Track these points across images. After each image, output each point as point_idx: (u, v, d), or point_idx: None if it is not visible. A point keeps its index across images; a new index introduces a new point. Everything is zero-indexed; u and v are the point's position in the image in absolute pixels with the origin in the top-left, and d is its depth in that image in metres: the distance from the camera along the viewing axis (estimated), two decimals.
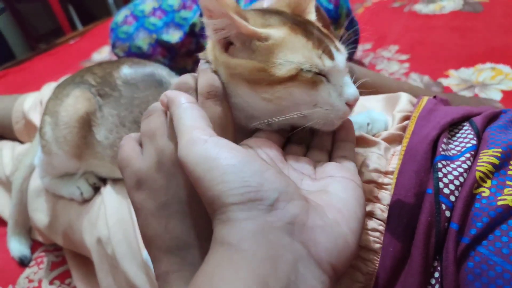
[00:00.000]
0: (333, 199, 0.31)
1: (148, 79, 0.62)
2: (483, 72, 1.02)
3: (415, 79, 1.05)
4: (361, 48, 1.28)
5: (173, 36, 1.43)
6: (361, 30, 1.34)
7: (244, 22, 0.36)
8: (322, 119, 0.37)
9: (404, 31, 1.30)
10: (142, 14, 1.51)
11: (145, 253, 0.57)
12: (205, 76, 0.39)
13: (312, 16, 0.43)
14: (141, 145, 0.39)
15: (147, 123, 0.39)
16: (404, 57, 1.16)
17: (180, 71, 1.53)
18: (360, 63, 1.21)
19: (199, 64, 0.42)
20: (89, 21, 2.55)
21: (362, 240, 0.41)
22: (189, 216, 0.36)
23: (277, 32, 0.37)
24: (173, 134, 0.35)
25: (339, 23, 1.05)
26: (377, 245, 0.40)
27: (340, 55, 0.38)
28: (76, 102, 0.62)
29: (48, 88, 1.05)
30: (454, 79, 1.02)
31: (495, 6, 1.28)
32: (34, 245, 0.93)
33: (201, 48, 1.44)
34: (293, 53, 0.36)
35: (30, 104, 1.02)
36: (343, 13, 1.05)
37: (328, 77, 0.37)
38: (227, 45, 0.39)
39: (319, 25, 0.42)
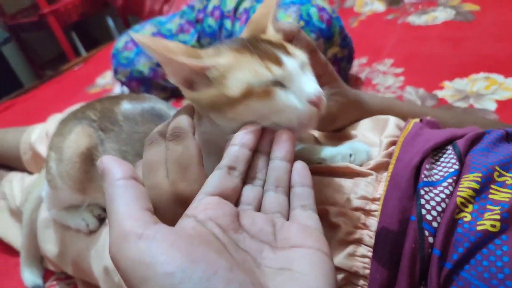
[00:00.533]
0: (299, 281, 0.28)
1: (147, 113, 0.64)
2: (477, 82, 1.03)
3: (411, 92, 1.07)
4: (357, 63, 1.30)
5: None
6: (356, 44, 1.36)
7: (190, 60, 0.39)
8: (290, 124, 0.39)
9: (398, 44, 1.32)
10: None
11: None
12: (173, 120, 0.42)
13: (269, 31, 0.46)
14: None
15: (145, 154, 0.42)
16: (399, 70, 1.18)
17: (181, 93, 1.57)
18: (356, 78, 1.23)
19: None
20: (92, 46, 2.62)
21: (352, 266, 0.43)
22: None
23: (224, 58, 0.40)
24: (171, 168, 0.38)
25: (333, 41, 1.08)
26: (367, 271, 0.42)
27: (291, 59, 0.40)
28: (78, 138, 0.65)
29: (54, 120, 1.09)
30: (449, 90, 1.04)
31: (486, 15, 1.30)
32: (46, 274, 0.95)
33: None
34: (241, 71, 0.39)
35: (37, 136, 1.06)
36: (336, 31, 1.08)
37: (284, 83, 0.39)
38: (190, 84, 0.41)
39: (273, 37, 0.45)
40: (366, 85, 1.18)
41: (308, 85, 0.39)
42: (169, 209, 0.38)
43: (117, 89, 1.84)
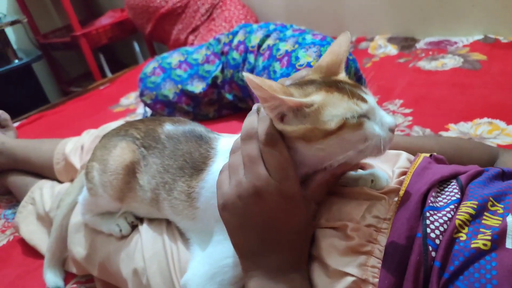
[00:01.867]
0: None
1: (189, 134, 0.72)
2: (481, 126, 1.11)
3: (418, 131, 1.15)
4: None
5: (197, 87, 1.58)
6: (370, 84, 1.46)
7: (290, 98, 0.48)
8: (374, 149, 0.48)
9: (409, 86, 1.41)
10: (169, 66, 1.67)
11: (177, 283, 0.66)
12: (261, 124, 0.52)
13: (342, 75, 0.55)
14: None
15: (232, 158, 0.54)
16: (408, 110, 1.27)
17: (202, 117, 1.66)
18: None
19: (260, 112, 0.54)
20: (117, 68, 2.76)
21: (363, 274, 0.50)
22: (260, 235, 0.51)
23: (317, 96, 0.49)
24: (272, 168, 0.49)
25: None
26: (376, 280, 0.49)
27: (369, 96, 0.51)
28: (123, 152, 0.73)
29: (88, 134, 1.18)
30: (454, 132, 1.12)
31: (492, 64, 1.39)
32: (67, 277, 1.02)
33: (222, 98, 1.57)
34: (335, 108, 0.48)
35: (71, 148, 1.15)
36: (352, 72, 1.17)
37: (368, 116, 0.48)
38: (282, 117, 0.50)
39: (347, 79, 0.55)
40: None
41: (387, 116, 0.50)
42: (273, 200, 0.50)
43: (141, 109, 1.94)
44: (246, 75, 0.46)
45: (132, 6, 2.40)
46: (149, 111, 1.82)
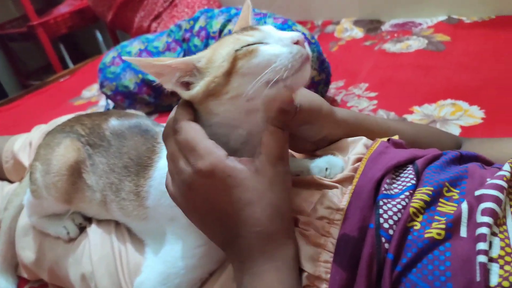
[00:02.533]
0: None
1: (134, 128, 0.68)
2: (444, 108, 1.10)
3: (382, 115, 1.14)
4: (334, 86, 1.37)
5: None
6: (335, 68, 1.43)
7: (176, 60, 0.45)
8: (283, 70, 0.41)
9: (374, 69, 1.39)
10: (129, 56, 1.59)
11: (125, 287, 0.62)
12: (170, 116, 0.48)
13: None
14: None
15: (166, 149, 0.50)
16: (373, 94, 1.25)
17: (165, 108, 1.60)
18: (333, 100, 1.30)
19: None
20: (80, 59, 2.64)
21: (316, 270, 0.47)
22: (218, 223, 0.47)
23: (207, 49, 0.47)
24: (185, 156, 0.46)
25: (311, 66, 1.13)
26: (329, 275, 0.46)
27: (266, 26, 0.46)
28: (66, 151, 0.68)
29: (37, 130, 1.11)
30: (418, 114, 1.11)
31: (456, 45, 1.39)
32: (20, 282, 0.96)
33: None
34: (224, 47, 0.45)
35: (20, 145, 1.07)
36: (314, 57, 1.14)
37: (265, 42, 0.44)
38: (186, 86, 0.47)
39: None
40: (341, 107, 1.24)
41: (287, 32, 0.44)
42: (202, 185, 0.45)
43: (103, 101, 1.86)
44: (127, 58, 0.44)
45: None
46: (111, 104, 1.74)
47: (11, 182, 1.11)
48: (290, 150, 0.68)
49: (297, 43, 0.43)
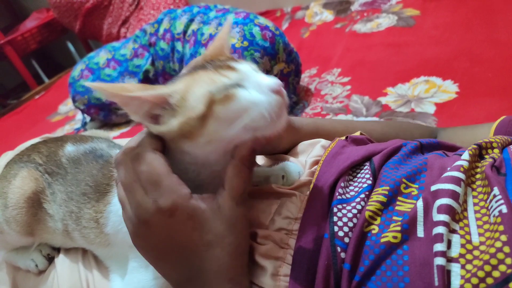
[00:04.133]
0: None
1: (89, 153, 0.65)
2: (418, 86, 1.08)
3: (356, 101, 1.11)
4: (308, 74, 1.34)
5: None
6: (308, 55, 1.40)
7: (147, 92, 0.41)
8: (261, 120, 0.40)
9: (346, 53, 1.36)
10: (97, 67, 1.56)
11: None
12: (130, 141, 0.45)
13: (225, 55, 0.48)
14: None
15: (118, 190, 0.46)
16: (346, 79, 1.22)
17: None
18: (307, 89, 1.27)
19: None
20: (56, 72, 2.59)
21: (276, 285, 0.44)
22: (175, 264, 0.44)
23: (180, 82, 0.42)
24: (146, 188, 0.42)
25: (278, 58, 1.11)
26: None
27: (243, 64, 0.43)
28: (23, 183, 0.65)
29: (4, 158, 1.07)
30: (392, 96, 1.08)
31: (426, 19, 1.36)
32: None
33: None
34: (198, 87, 0.41)
35: None
36: (280, 48, 1.11)
37: (243, 85, 0.41)
38: (155, 118, 0.43)
39: (224, 55, 0.47)
40: (315, 96, 1.21)
41: (266, 78, 0.41)
42: (161, 223, 0.42)
43: (79, 116, 1.83)
44: (90, 84, 0.39)
45: (56, 5, 2.23)
46: (87, 117, 1.71)
47: None
48: None
49: (276, 91, 0.41)
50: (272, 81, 0.41)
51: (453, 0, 1.38)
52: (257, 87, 0.41)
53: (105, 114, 1.56)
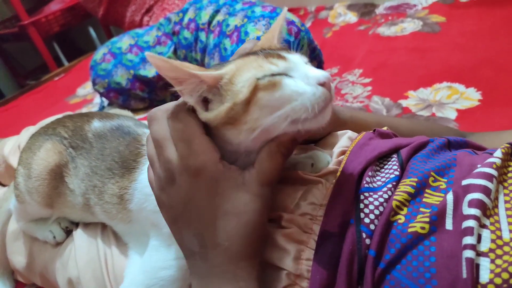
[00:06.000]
0: None
1: (116, 130, 0.66)
2: (440, 91, 1.07)
3: (377, 102, 1.11)
4: (328, 73, 1.34)
5: (150, 71, 1.49)
6: (330, 54, 1.40)
7: (207, 72, 0.41)
8: (305, 110, 0.39)
9: (368, 55, 1.36)
10: (119, 51, 1.57)
11: None
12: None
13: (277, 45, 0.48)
14: None
15: (148, 148, 0.47)
16: (367, 80, 1.22)
17: (159, 102, 1.60)
18: None
19: None
20: (75, 56, 2.62)
21: (297, 269, 0.45)
22: (189, 228, 0.43)
23: (230, 65, 0.42)
24: (176, 145, 0.42)
25: (302, 53, 1.10)
26: (310, 274, 0.44)
27: (293, 55, 0.43)
28: (47, 155, 0.66)
29: (27, 132, 1.09)
30: (413, 99, 1.08)
31: (451, 26, 1.35)
32: (18, 286, 0.95)
33: None
34: (247, 71, 0.41)
35: (10, 148, 1.06)
36: (305, 44, 1.11)
37: (290, 75, 0.40)
38: (206, 104, 0.43)
39: (279, 46, 0.47)
40: (336, 95, 1.21)
41: (315, 70, 0.41)
42: (185, 181, 0.42)
43: (98, 99, 1.85)
44: (150, 55, 0.38)
45: None
46: (105, 101, 1.73)
47: (4, 185, 1.10)
48: None
49: (323, 84, 0.40)
50: (320, 73, 0.40)
51: (479, 8, 1.37)
52: (304, 78, 0.40)
53: (124, 98, 1.57)
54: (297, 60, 0.42)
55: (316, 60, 1.17)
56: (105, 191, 0.61)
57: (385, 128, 0.61)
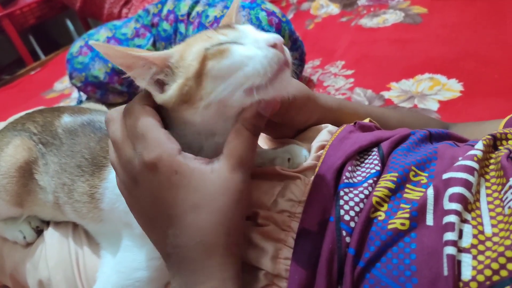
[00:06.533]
0: None
1: (87, 125, 0.63)
2: (422, 83, 1.07)
3: (359, 93, 1.10)
4: (310, 65, 1.32)
5: None
6: (312, 46, 1.38)
7: (154, 53, 0.39)
8: (257, 76, 0.37)
9: (351, 46, 1.35)
10: None
11: None
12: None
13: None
14: None
15: (108, 133, 0.44)
16: (349, 72, 1.21)
17: None
18: (309, 80, 1.25)
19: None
20: (52, 49, 2.55)
21: (275, 268, 0.43)
22: (158, 227, 0.41)
23: (181, 44, 0.41)
24: (133, 143, 0.40)
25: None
26: (289, 273, 0.42)
27: (244, 25, 0.41)
28: (16, 151, 0.63)
29: None
30: (395, 91, 1.07)
31: (433, 18, 1.34)
32: None
33: None
34: (195, 45, 0.40)
35: None
36: (286, 35, 1.09)
37: (239, 42, 0.39)
38: (161, 86, 0.41)
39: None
40: (318, 87, 1.20)
41: (265, 33, 0.39)
42: (145, 178, 0.39)
43: (76, 93, 1.80)
44: (94, 43, 0.37)
45: None
46: (83, 95, 1.68)
47: None
48: (264, 136, 0.64)
49: (274, 46, 0.38)
50: (271, 35, 0.38)
51: (461, 0, 1.37)
52: (254, 43, 0.39)
53: (102, 92, 1.53)
54: (248, 29, 0.41)
55: (298, 51, 1.15)
56: (74, 189, 0.58)
57: (367, 120, 0.59)
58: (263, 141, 0.65)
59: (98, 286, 0.54)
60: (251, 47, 0.38)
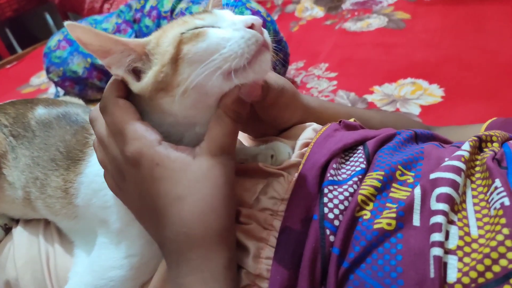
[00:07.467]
0: None
1: (63, 118, 0.61)
2: (404, 87, 1.07)
3: (342, 96, 1.10)
4: (294, 67, 1.32)
5: None
6: (296, 48, 1.38)
7: (132, 40, 0.39)
8: (234, 58, 0.36)
9: (334, 49, 1.35)
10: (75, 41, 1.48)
11: None
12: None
13: None
14: None
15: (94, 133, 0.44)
16: (333, 74, 1.21)
17: None
18: (292, 82, 1.25)
19: None
20: (29, 43, 2.47)
21: (256, 268, 0.41)
22: (149, 220, 0.42)
23: (158, 30, 0.41)
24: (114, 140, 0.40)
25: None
26: (270, 273, 0.41)
27: (222, 10, 0.41)
28: None
29: None
30: (378, 94, 1.07)
31: (416, 23, 1.36)
32: None
33: None
34: (171, 30, 0.39)
35: None
36: (271, 35, 1.08)
37: (216, 25, 0.38)
38: (137, 75, 0.40)
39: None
40: (301, 89, 1.19)
41: (242, 16, 0.38)
42: (130, 175, 0.39)
43: (53, 89, 1.74)
44: (69, 24, 0.35)
45: None
46: (61, 91, 1.63)
47: None
48: (246, 135, 0.63)
49: (251, 27, 0.36)
50: (248, 17, 0.37)
51: (443, 6, 1.39)
52: (232, 25, 0.38)
53: (81, 88, 1.48)
54: (225, 13, 0.40)
55: (282, 52, 1.14)
56: (48, 184, 0.56)
57: (352, 120, 0.58)
58: (245, 140, 0.63)
59: (71, 285, 0.51)
60: (229, 29, 0.37)
